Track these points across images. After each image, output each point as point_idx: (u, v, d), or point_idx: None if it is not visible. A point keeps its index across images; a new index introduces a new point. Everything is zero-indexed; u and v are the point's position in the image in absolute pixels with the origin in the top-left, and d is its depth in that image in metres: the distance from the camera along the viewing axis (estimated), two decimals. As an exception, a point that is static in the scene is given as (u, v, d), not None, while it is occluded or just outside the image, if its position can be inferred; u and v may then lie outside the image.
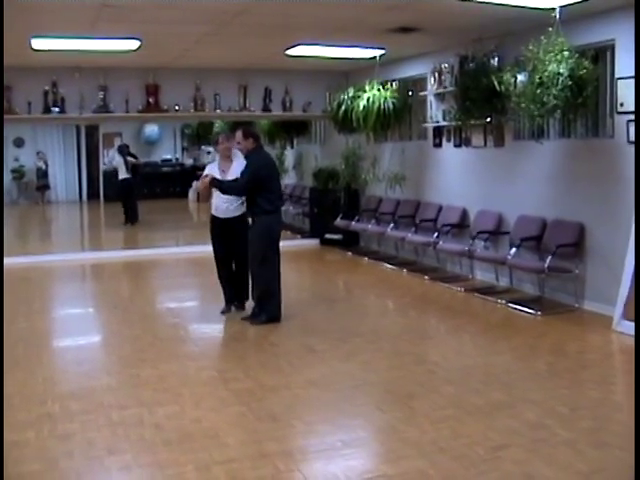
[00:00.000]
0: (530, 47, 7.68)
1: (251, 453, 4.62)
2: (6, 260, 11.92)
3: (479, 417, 5.21)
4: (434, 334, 8.16)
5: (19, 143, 24.29)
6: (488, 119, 9.50)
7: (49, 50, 9.87)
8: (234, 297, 8.41)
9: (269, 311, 7.93)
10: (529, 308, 8.40)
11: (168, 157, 25.77)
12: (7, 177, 23.90)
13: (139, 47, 9.90)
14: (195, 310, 9.45)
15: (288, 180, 17.23)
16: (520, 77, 8.14)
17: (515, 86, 8.21)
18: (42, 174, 23.99)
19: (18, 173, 24.05)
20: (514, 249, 8.91)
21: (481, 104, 9.42)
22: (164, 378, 6.22)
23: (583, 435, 4.85)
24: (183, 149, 26.46)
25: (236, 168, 8.05)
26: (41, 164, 23.92)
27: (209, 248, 8.51)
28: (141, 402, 5.63)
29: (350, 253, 12.91)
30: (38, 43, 9.46)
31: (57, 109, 12.21)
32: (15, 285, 10.49)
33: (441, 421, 5.12)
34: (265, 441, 4.80)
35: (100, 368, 6.60)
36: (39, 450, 4.75)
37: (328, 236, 13.71)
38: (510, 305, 8.66)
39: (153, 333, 7.73)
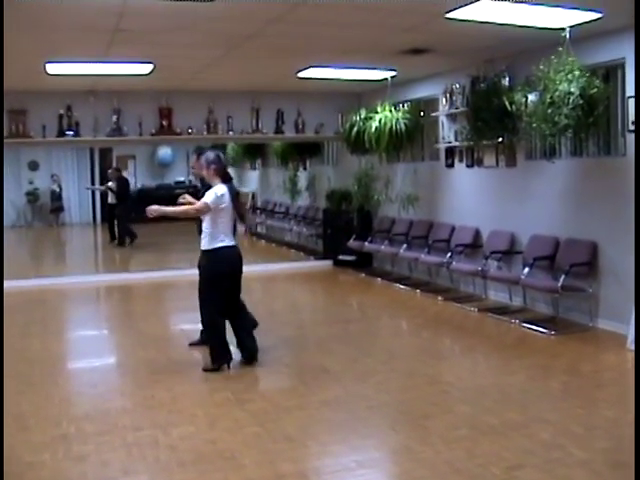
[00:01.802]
0: (541, 67, 7.72)
1: (266, 474, 4.62)
2: (21, 282, 12.09)
3: (494, 437, 5.19)
4: (448, 354, 8.15)
5: (34, 166, 24.50)
6: (500, 139, 9.52)
7: (64, 74, 9.96)
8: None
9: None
10: (543, 328, 8.39)
11: (181, 179, 25.87)
12: (22, 200, 24.12)
13: (152, 71, 9.99)
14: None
15: (301, 202, 17.28)
16: (531, 97, 8.17)
17: (526, 106, 8.24)
18: (56, 197, 24.19)
19: (33, 196, 24.25)
20: (527, 269, 8.90)
21: (493, 124, 9.44)
22: (178, 399, 6.24)
23: (598, 455, 4.83)
24: (194, 171, 26.51)
25: None
26: (55, 187, 24.11)
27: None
28: (156, 423, 5.64)
29: (363, 274, 12.91)
30: (53, 68, 9.56)
31: (71, 132, 12.31)
32: (30, 307, 10.59)
33: (456, 441, 5.11)
34: (280, 462, 4.81)
35: (115, 390, 6.62)
36: (54, 472, 4.76)
37: (341, 257, 13.71)
38: (524, 325, 8.64)
39: (167, 355, 7.75)
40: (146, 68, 9.87)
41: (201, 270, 7.12)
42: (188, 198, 7.56)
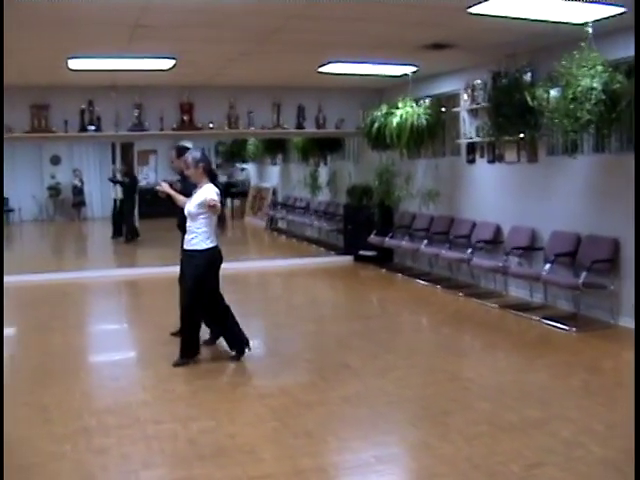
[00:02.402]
0: (563, 62, 7.66)
1: (286, 469, 4.64)
2: (42, 276, 12.16)
3: (514, 434, 5.18)
4: (468, 351, 8.13)
5: (56, 161, 24.65)
6: (521, 135, 9.46)
7: (85, 70, 10.00)
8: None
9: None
10: (564, 325, 8.35)
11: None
12: (44, 194, 24.25)
13: (174, 66, 10.01)
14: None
15: (322, 197, 17.28)
16: (553, 92, 8.12)
17: (548, 101, 8.19)
18: (78, 191, 24.37)
19: (54, 190, 24.40)
20: (548, 265, 8.85)
21: (514, 120, 9.39)
22: (198, 393, 6.27)
23: (620, 453, 4.79)
24: (217, 166, 26.57)
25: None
26: (77, 181, 24.26)
27: (244, 265, 8.51)
28: (176, 417, 5.68)
29: (384, 269, 12.90)
30: (75, 63, 9.59)
31: (93, 127, 12.37)
32: (51, 300, 10.68)
33: (475, 438, 5.10)
34: (300, 457, 4.82)
35: (135, 383, 6.67)
36: (76, 463, 4.81)
37: (362, 252, 13.70)
38: (545, 322, 8.61)
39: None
40: (168, 63, 9.89)
41: (193, 269, 7.03)
42: (164, 186, 7.50)
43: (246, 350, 7.29)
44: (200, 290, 7.04)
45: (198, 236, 6.96)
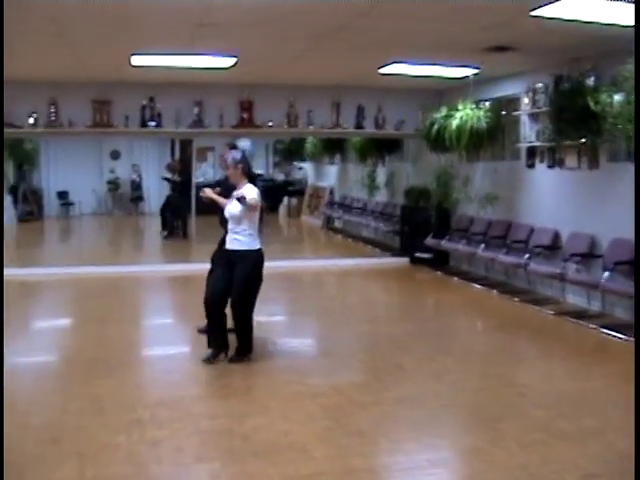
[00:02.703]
0: (628, 66, 7.55)
1: (337, 468, 4.65)
2: (99, 269, 12.37)
3: (569, 443, 5.12)
4: (524, 357, 8.04)
5: (115, 155, 24.97)
6: (583, 140, 9.35)
7: (147, 66, 10.12)
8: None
9: None
10: (622, 333, 8.21)
11: (260, 172, 25.98)
12: (103, 188, 24.60)
13: (235, 64, 10.07)
14: (285, 324, 9.53)
15: (379, 198, 17.25)
16: (617, 97, 8.02)
17: (612, 106, 8.09)
18: (136, 186, 24.66)
19: (113, 185, 24.73)
20: (607, 273, 8.73)
21: (576, 125, 9.28)
22: (253, 390, 6.33)
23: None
24: (275, 164, 26.72)
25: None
26: (135, 176, 24.56)
27: (300, 263, 8.53)
28: (230, 412, 5.73)
29: (440, 272, 12.84)
30: (137, 60, 9.71)
31: (154, 123, 12.52)
32: (107, 293, 10.83)
33: (529, 445, 5.05)
34: (352, 457, 4.83)
35: (189, 378, 6.74)
36: (129, 454, 4.88)
37: (418, 254, 13.64)
38: (602, 330, 8.48)
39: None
40: (229, 61, 9.96)
41: (246, 269, 7.01)
42: (207, 192, 7.46)
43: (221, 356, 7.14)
44: (251, 289, 7.09)
45: (246, 237, 7.00)
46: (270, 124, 13.03)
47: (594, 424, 5.51)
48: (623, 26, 7.23)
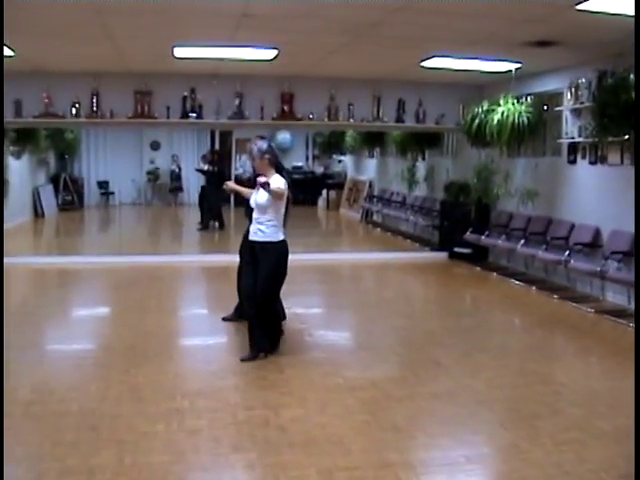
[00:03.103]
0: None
1: (373, 462, 4.66)
2: (138, 258, 12.55)
3: (605, 442, 5.09)
4: (561, 354, 7.99)
5: (155, 146, 25.20)
6: (626, 136, 9.25)
7: (190, 58, 10.18)
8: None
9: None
10: (662, 332, 8.14)
11: (299, 164, 26.06)
12: (143, 178, 24.83)
13: (276, 56, 10.10)
14: (322, 317, 9.55)
15: (418, 192, 17.22)
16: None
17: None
18: (175, 177, 24.87)
19: (153, 175, 24.98)
20: (649, 271, 8.66)
21: (619, 121, 9.17)
22: (290, 382, 6.34)
23: None
24: (314, 157, 26.75)
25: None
26: (175, 167, 24.74)
27: (338, 256, 8.53)
28: (267, 404, 5.76)
29: (478, 268, 12.79)
30: (180, 51, 9.78)
31: (194, 114, 12.59)
32: (146, 283, 10.96)
33: (565, 443, 5.03)
34: (388, 451, 4.84)
35: (227, 368, 6.76)
36: (168, 442, 4.94)
37: (457, 250, 13.60)
38: (642, 329, 8.41)
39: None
40: (270, 54, 10.00)
41: (271, 260, 6.86)
42: (230, 184, 7.53)
43: (261, 355, 7.01)
44: (276, 281, 6.98)
45: (270, 227, 6.84)
46: (311, 116, 13.04)
47: (631, 423, 5.43)
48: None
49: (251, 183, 7.30)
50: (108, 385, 6.11)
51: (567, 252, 10.34)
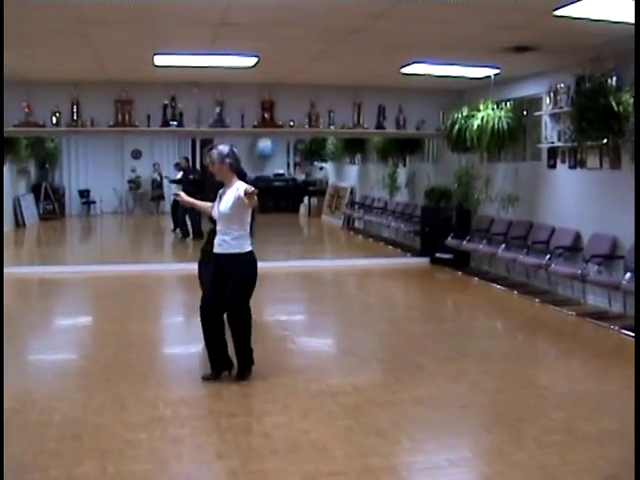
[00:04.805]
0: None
1: (357, 467, 4.67)
2: (120, 267, 12.47)
3: (589, 445, 5.11)
4: (544, 358, 8.03)
5: (137, 155, 25.15)
6: (605, 140, 9.30)
7: (170, 66, 10.18)
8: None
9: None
10: (643, 335, 8.19)
11: (281, 172, 26.08)
12: (124, 187, 24.80)
13: (256, 64, 10.11)
14: (304, 323, 9.55)
15: (400, 198, 17.25)
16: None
17: (634, 106, 8.04)
18: (157, 185, 24.72)
19: (134, 184, 24.90)
20: (629, 274, 8.69)
21: (598, 125, 9.22)
22: (272, 389, 6.32)
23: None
24: (295, 164, 26.76)
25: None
26: (156, 175, 24.64)
27: (320, 263, 8.54)
28: (249, 411, 5.78)
29: (460, 273, 12.82)
30: (160, 60, 9.78)
31: (175, 123, 12.59)
32: (129, 292, 10.90)
33: (549, 446, 5.04)
34: (371, 456, 4.85)
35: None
36: (151, 451, 4.93)
37: (438, 255, 13.62)
38: (623, 332, 8.42)
39: (262, 344, 7.76)
40: (251, 61, 10.01)
41: (240, 274, 6.40)
42: (183, 195, 6.97)
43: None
44: (247, 295, 6.51)
45: (236, 239, 6.34)
46: (291, 124, 13.06)
47: (614, 426, 5.49)
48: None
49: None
50: (91, 394, 6.08)
51: (548, 256, 10.38)
